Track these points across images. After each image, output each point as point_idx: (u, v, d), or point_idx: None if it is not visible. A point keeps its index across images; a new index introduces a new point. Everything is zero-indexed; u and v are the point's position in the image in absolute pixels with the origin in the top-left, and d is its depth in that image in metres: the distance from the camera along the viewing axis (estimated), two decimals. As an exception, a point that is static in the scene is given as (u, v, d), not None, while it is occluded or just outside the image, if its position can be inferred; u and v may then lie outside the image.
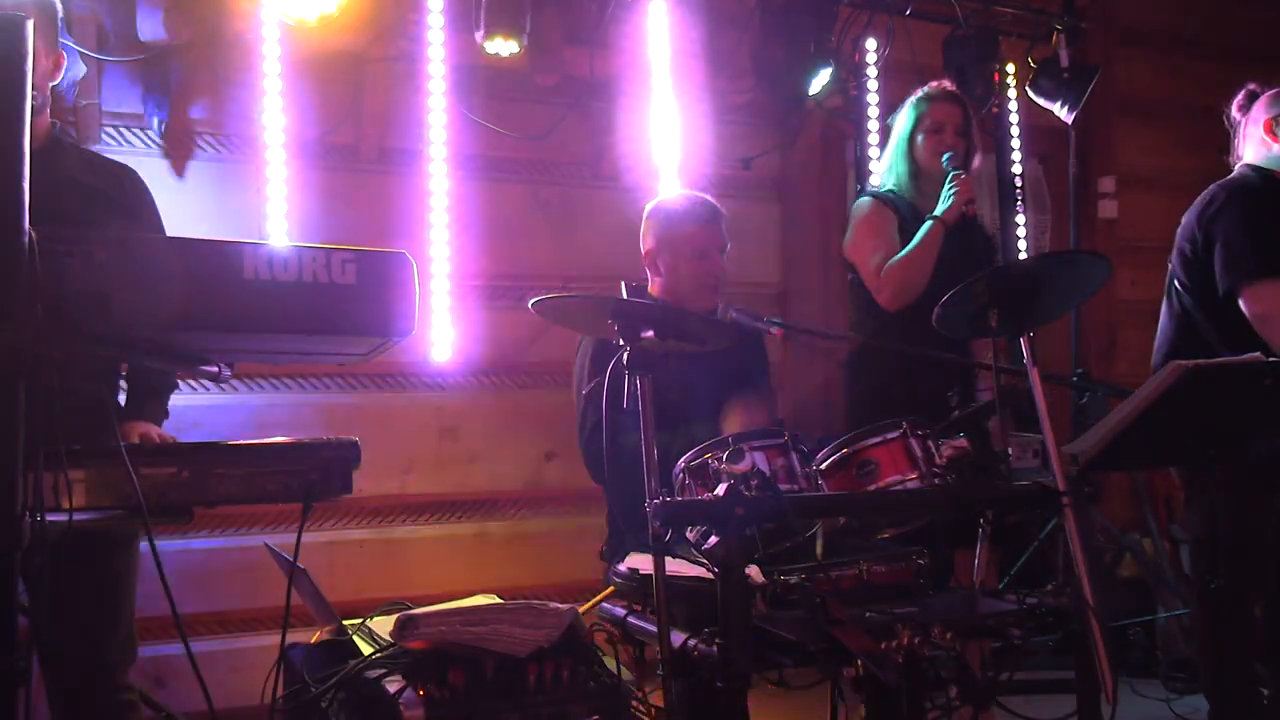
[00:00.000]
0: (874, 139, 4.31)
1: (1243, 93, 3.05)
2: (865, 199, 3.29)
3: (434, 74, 3.53)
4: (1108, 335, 5.07)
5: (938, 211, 3.08)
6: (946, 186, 3.09)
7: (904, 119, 3.24)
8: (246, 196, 3.43)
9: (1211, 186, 2.97)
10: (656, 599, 2.06)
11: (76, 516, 1.64)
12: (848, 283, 3.41)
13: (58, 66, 2.39)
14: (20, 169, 1.45)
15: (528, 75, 3.78)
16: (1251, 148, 2.99)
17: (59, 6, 2.39)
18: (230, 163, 3.53)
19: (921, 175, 3.19)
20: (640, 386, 2.16)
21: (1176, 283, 2.95)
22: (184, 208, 3.43)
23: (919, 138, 3.19)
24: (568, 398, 3.02)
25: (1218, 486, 2.40)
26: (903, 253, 3.08)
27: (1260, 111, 2.98)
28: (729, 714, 1.93)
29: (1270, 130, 2.94)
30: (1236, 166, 3.02)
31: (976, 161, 3.27)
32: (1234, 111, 3.06)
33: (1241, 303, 2.80)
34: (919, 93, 3.25)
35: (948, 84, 3.33)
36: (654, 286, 2.97)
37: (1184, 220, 2.99)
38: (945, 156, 3.11)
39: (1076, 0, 4.54)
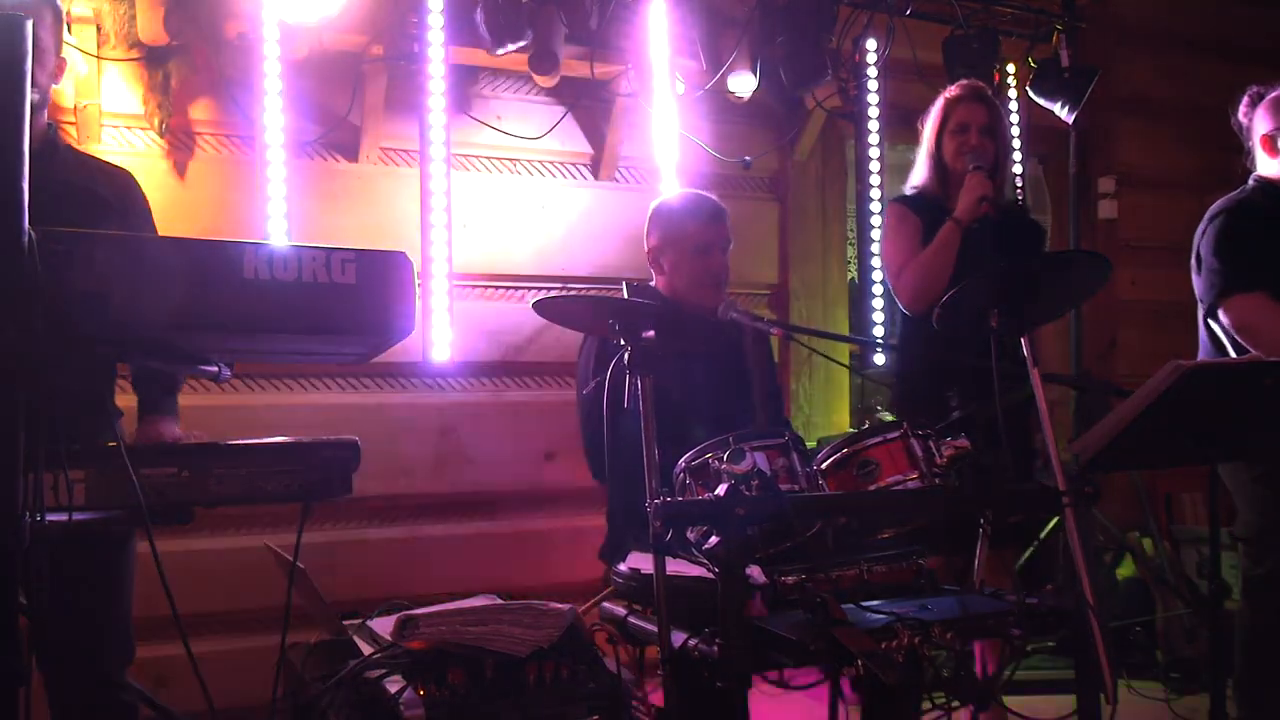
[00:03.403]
0: (874, 139, 4.31)
1: (1246, 96, 3.06)
2: (891, 204, 3.32)
3: (434, 74, 3.53)
4: (1108, 335, 5.06)
5: (955, 213, 3.07)
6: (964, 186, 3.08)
7: (931, 120, 3.24)
8: (246, 196, 3.43)
9: (1213, 205, 3.00)
10: (656, 599, 2.06)
11: (76, 516, 1.64)
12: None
13: (61, 70, 2.39)
14: (20, 169, 1.45)
15: (528, 75, 3.78)
16: (1257, 158, 3.02)
17: (63, 8, 2.39)
18: (230, 163, 3.53)
19: (949, 176, 3.19)
20: (640, 386, 2.17)
21: (1196, 293, 3.00)
22: (184, 208, 3.44)
23: (944, 139, 3.19)
24: (568, 398, 3.02)
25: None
26: (920, 255, 3.07)
27: (1258, 123, 2.99)
28: (729, 714, 1.93)
29: (1268, 146, 2.96)
30: (1249, 178, 3.04)
31: (1009, 162, 3.26)
32: (1239, 116, 3.07)
33: (1221, 318, 2.85)
34: (947, 92, 3.25)
35: (976, 83, 3.32)
36: (658, 283, 2.98)
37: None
38: (967, 156, 3.11)
39: (1076, 0, 4.54)
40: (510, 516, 3.90)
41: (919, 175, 3.26)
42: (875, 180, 4.32)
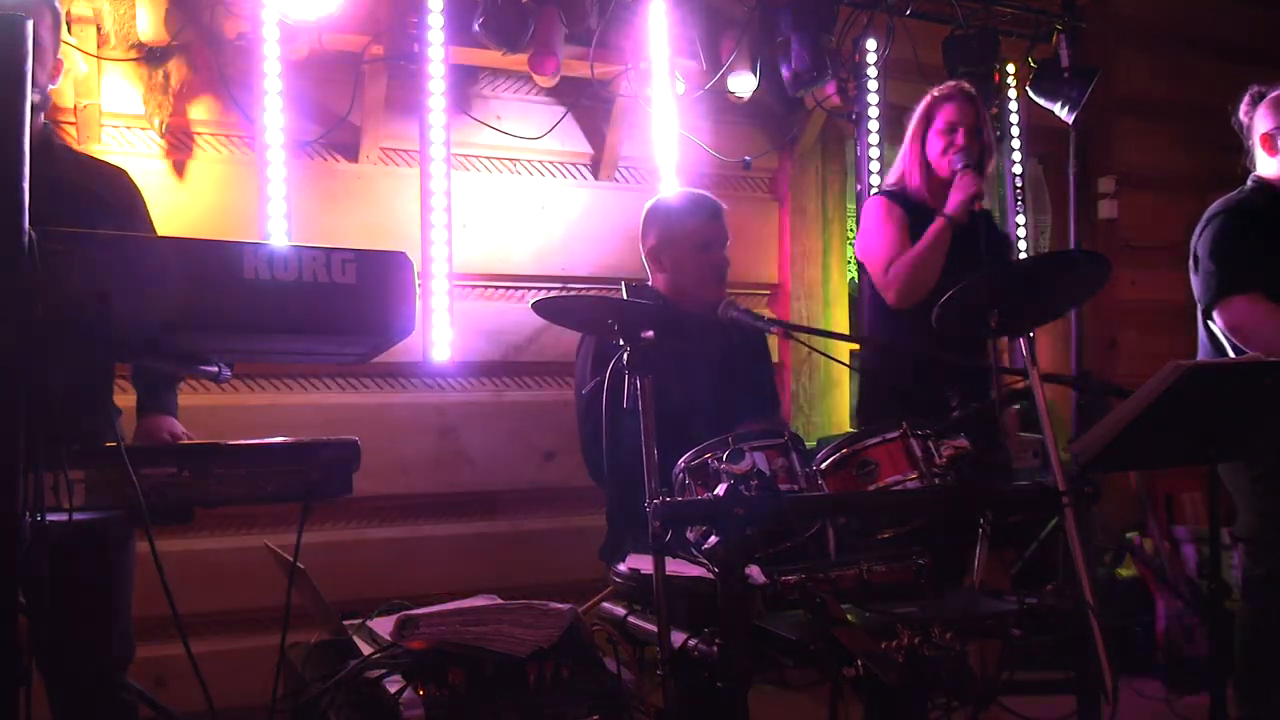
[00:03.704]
0: (874, 139, 4.31)
1: (1247, 95, 3.06)
2: (875, 197, 3.29)
3: (434, 74, 3.53)
4: (1108, 335, 5.07)
5: (946, 210, 3.06)
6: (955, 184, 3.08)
7: (917, 117, 3.23)
8: (246, 196, 3.43)
9: (1211, 206, 3.00)
10: (657, 599, 2.06)
11: (76, 516, 1.64)
12: (858, 283, 3.39)
13: (57, 71, 2.40)
14: (20, 169, 1.45)
15: (528, 75, 3.78)
16: (1256, 157, 3.02)
17: (61, 9, 2.39)
18: (230, 163, 3.53)
19: (933, 175, 3.18)
20: (640, 386, 2.17)
21: (1195, 295, 3.01)
22: (184, 208, 3.44)
23: (931, 137, 3.18)
24: (568, 397, 3.02)
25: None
26: (910, 250, 3.06)
27: (1258, 122, 2.99)
28: (729, 714, 1.93)
29: (1268, 145, 2.96)
30: (1249, 179, 3.04)
31: (991, 164, 3.26)
32: (1240, 115, 3.07)
33: (1216, 319, 2.85)
34: (934, 91, 3.24)
35: (964, 84, 3.32)
36: (657, 282, 2.98)
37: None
38: (955, 155, 3.10)
39: (1076, 0, 4.54)
40: (510, 516, 3.90)
41: (901, 171, 3.25)
42: (875, 180, 4.31)
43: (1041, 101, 4.46)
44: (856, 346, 4.58)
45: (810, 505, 2.21)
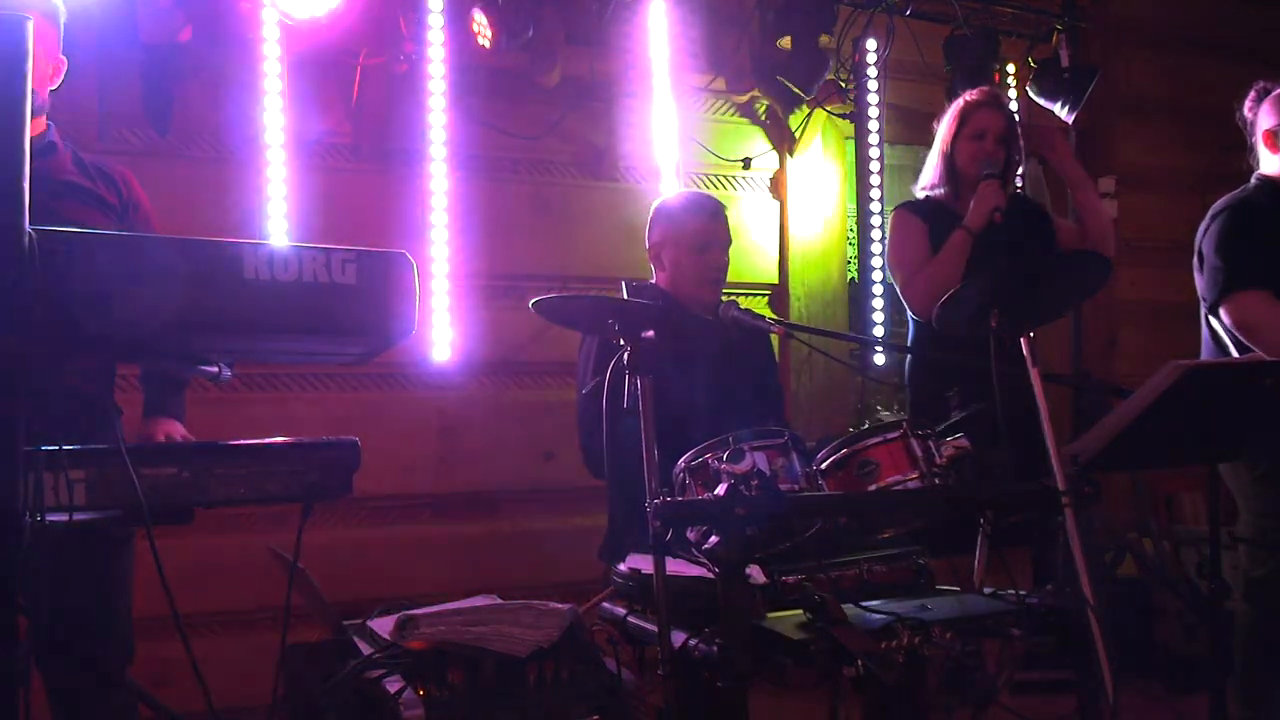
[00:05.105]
0: (874, 139, 4.31)
1: (1252, 91, 3.05)
2: (896, 210, 3.33)
3: (434, 74, 3.53)
4: (1108, 335, 5.06)
5: (966, 220, 3.08)
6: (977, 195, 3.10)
7: (947, 124, 3.25)
8: (247, 196, 3.43)
9: (1216, 203, 3.00)
10: (657, 599, 2.06)
11: (76, 516, 1.64)
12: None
13: (58, 72, 2.40)
14: (20, 169, 1.45)
15: (528, 75, 3.78)
16: (1260, 154, 3.01)
17: (62, 9, 2.39)
18: (230, 163, 3.53)
19: (962, 181, 3.20)
20: (640, 386, 2.17)
21: (1199, 291, 3.00)
22: (184, 208, 3.44)
23: (960, 144, 3.20)
24: (568, 398, 3.02)
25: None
26: (929, 263, 3.08)
27: (1262, 119, 2.99)
28: (729, 714, 1.93)
29: (1270, 142, 2.96)
30: (1252, 176, 3.04)
31: (1021, 168, 3.28)
32: (1245, 111, 3.06)
33: (1223, 316, 2.85)
34: (963, 98, 3.26)
35: (994, 89, 3.34)
36: (659, 280, 2.99)
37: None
38: (981, 163, 3.13)
39: (1076, 0, 4.54)
40: (510, 516, 3.90)
41: (930, 176, 3.28)
42: (875, 180, 4.31)
43: (1041, 101, 4.46)
44: (856, 346, 4.58)
45: (810, 505, 2.21)
